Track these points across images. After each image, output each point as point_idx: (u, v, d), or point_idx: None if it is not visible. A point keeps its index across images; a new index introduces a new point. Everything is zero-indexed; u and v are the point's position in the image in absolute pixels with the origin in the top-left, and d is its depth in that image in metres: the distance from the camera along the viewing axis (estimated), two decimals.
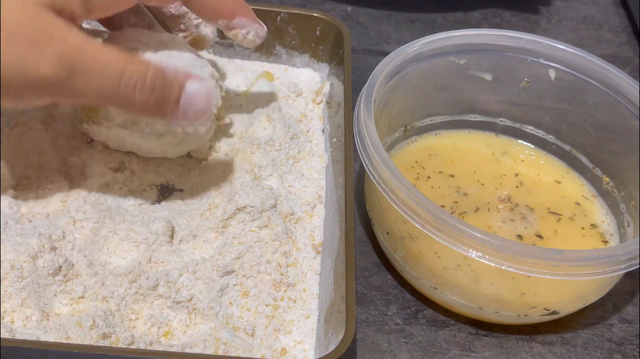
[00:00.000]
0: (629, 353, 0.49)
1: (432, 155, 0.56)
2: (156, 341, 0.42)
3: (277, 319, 0.45)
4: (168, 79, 0.41)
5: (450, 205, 0.52)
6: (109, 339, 0.41)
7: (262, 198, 0.48)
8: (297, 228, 0.49)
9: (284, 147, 0.52)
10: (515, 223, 0.52)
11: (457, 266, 0.45)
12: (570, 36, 0.73)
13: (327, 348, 0.41)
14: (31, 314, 0.41)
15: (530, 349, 0.48)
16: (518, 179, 0.55)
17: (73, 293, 0.42)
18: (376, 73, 0.50)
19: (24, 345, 0.37)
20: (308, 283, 0.47)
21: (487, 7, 0.75)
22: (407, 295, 0.50)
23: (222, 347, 0.42)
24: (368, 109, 0.48)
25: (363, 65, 0.65)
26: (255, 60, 0.60)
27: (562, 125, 0.56)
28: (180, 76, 0.42)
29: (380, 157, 0.45)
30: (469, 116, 0.58)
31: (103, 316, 0.41)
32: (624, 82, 0.52)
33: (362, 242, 0.53)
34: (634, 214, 0.52)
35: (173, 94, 0.42)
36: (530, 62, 0.55)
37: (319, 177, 0.52)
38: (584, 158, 0.56)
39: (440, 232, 0.43)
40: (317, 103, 0.58)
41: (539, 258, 0.42)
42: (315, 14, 0.57)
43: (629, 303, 0.52)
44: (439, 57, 0.54)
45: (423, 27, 0.71)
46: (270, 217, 0.47)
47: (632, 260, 0.43)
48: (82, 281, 0.43)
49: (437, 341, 0.48)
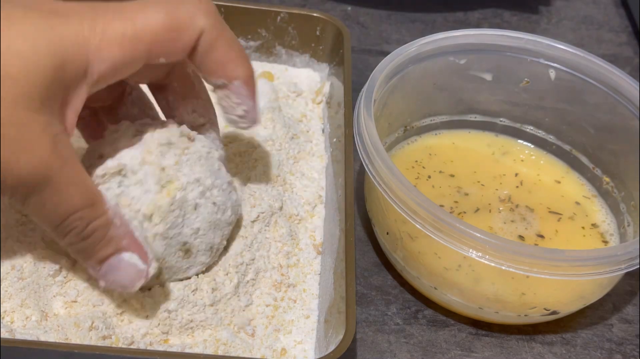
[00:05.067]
0: (629, 353, 0.49)
1: (432, 155, 0.56)
2: (156, 342, 0.42)
3: (277, 320, 0.45)
4: (107, 238, 0.38)
5: (450, 205, 0.52)
6: (109, 340, 0.41)
7: (269, 203, 0.48)
8: (299, 228, 0.49)
9: (284, 147, 0.52)
10: (516, 224, 0.52)
11: (458, 267, 0.45)
12: (570, 36, 0.73)
13: (327, 348, 0.41)
14: (31, 314, 0.41)
15: (530, 349, 0.48)
16: (518, 179, 0.55)
17: (67, 296, 0.42)
18: (376, 73, 0.50)
19: (24, 345, 0.37)
20: (308, 283, 0.47)
21: (487, 7, 0.75)
22: (407, 294, 0.50)
23: (222, 347, 0.42)
24: (368, 109, 0.48)
25: (363, 65, 0.65)
26: (255, 60, 0.59)
27: (562, 125, 0.56)
28: (122, 241, 0.39)
29: (380, 157, 0.45)
30: (469, 116, 0.58)
31: (102, 317, 0.41)
32: (624, 82, 0.52)
33: (362, 242, 0.53)
34: (634, 214, 0.52)
35: (100, 253, 0.38)
36: (530, 62, 0.55)
37: (319, 177, 0.52)
38: (584, 158, 0.56)
39: (440, 232, 0.43)
40: (317, 103, 0.58)
41: (539, 258, 0.42)
42: (315, 14, 0.57)
43: (629, 303, 0.52)
44: (439, 57, 0.54)
45: (423, 27, 0.71)
46: (277, 220, 0.48)
47: (632, 260, 0.43)
48: (75, 286, 0.43)
49: (437, 341, 0.48)
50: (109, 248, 0.38)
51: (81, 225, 0.37)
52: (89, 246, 0.38)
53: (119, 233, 0.38)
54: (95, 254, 0.39)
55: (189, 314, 0.43)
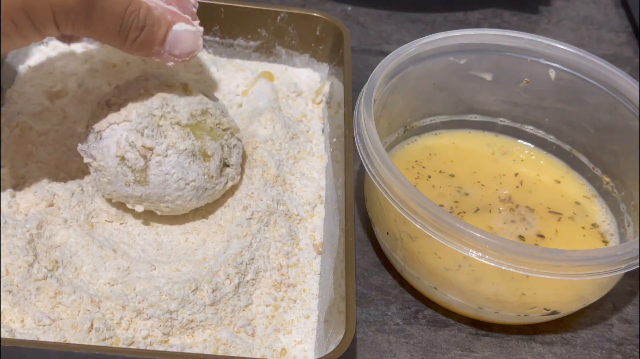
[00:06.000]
0: (629, 353, 0.49)
1: (432, 154, 0.56)
2: (156, 342, 0.42)
3: (277, 320, 0.45)
4: (156, 18, 0.43)
5: (450, 205, 0.52)
6: (109, 341, 0.41)
7: (267, 203, 0.48)
8: (299, 228, 0.49)
9: (284, 147, 0.52)
10: (516, 224, 0.52)
11: (458, 267, 0.45)
12: (570, 36, 0.73)
13: (327, 348, 0.41)
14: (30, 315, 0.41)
15: (530, 349, 0.48)
16: (518, 179, 0.55)
17: (67, 296, 0.42)
18: (376, 73, 0.50)
19: (24, 345, 0.37)
20: (308, 283, 0.47)
21: (487, 7, 0.75)
22: (407, 295, 0.50)
23: (222, 347, 0.42)
24: (368, 109, 0.48)
25: (363, 65, 0.65)
26: (255, 60, 0.60)
27: (562, 125, 0.56)
28: (168, 16, 0.44)
29: (380, 157, 0.45)
30: (469, 116, 0.58)
31: (102, 318, 0.41)
32: (624, 82, 0.52)
33: (362, 242, 0.53)
34: (634, 214, 0.52)
35: (160, 33, 0.44)
36: (530, 62, 0.55)
37: (319, 177, 0.52)
38: (584, 158, 0.56)
39: (440, 232, 0.43)
40: (317, 103, 0.58)
41: (539, 258, 0.42)
42: (315, 14, 0.57)
43: (629, 303, 0.52)
44: (439, 57, 0.54)
45: (423, 27, 0.71)
46: (276, 220, 0.48)
47: (632, 260, 0.43)
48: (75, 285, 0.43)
49: (437, 341, 0.48)
50: (162, 26, 0.44)
51: (135, 17, 0.42)
52: (148, 33, 0.43)
53: (162, 12, 0.44)
54: (156, 37, 0.44)
55: (189, 314, 0.43)
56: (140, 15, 0.42)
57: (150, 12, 0.43)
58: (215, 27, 0.57)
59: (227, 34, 0.58)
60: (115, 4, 0.41)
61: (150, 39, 0.43)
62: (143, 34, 0.43)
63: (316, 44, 0.58)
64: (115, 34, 0.42)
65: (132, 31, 0.42)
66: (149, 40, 0.44)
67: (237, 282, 0.44)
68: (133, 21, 0.42)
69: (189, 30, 0.45)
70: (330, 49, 0.58)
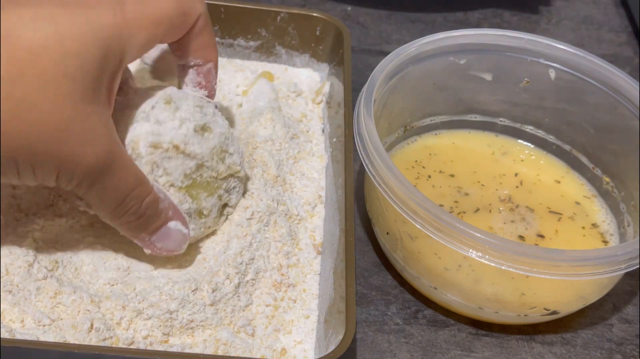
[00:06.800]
0: (629, 353, 0.49)
1: (432, 154, 0.56)
2: (156, 342, 0.42)
3: (277, 320, 0.45)
4: (158, 212, 0.42)
5: (450, 205, 0.52)
6: (109, 341, 0.41)
7: (267, 203, 0.48)
8: (299, 228, 0.49)
9: (284, 147, 0.52)
10: (516, 224, 0.52)
11: (458, 267, 0.45)
12: (570, 36, 0.73)
13: (327, 348, 0.41)
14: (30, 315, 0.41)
15: (530, 349, 0.48)
16: (518, 179, 0.55)
17: (67, 297, 0.42)
18: (376, 73, 0.50)
19: (24, 345, 0.37)
20: (308, 283, 0.47)
21: (487, 7, 0.75)
22: (407, 295, 0.50)
23: (222, 347, 0.42)
24: (368, 109, 0.48)
25: (363, 65, 0.65)
26: (255, 60, 0.59)
27: (562, 125, 0.56)
28: (169, 212, 0.42)
29: (380, 157, 0.45)
30: (469, 116, 0.58)
31: (102, 318, 0.41)
32: (624, 82, 0.52)
33: (362, 242, 0.53)
34: (634, 214, 0.52)
35: (154, 226, 0.42)
36: (530, 62, 0.55)
37: (319, 177, 0.52)
38: (584, 158, 0.56)
39: (440, 232, 0.43)
40: (317, 103, 0.58)
41: (539, 258, 0.42)
42: (315, 14, 0.57)
43: (629, 303, 0.52)
44: (439, 57, 0.54)
45: (423, 27, 0.71)
46: (276, 220, 0.48)
47: (632, 260, 0.43)
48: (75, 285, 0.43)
49: (437, 341, 0.48)
50: (159, 220, 0.42)
51: (137, 203, 0.40)
52: (144, 222, 0.41)
53: (166, 206, 0.42)
54: (148, 228, 0.42)
55: (189, 314, 0.43)
56: (143, 203, 0.41)
57: (155, 203, 0.41)
58: (215, 27, 0.57)
59: (227, 34, 0.58)
60: (122, 182, 0.39)
61: (142, 228, 0.42)
62: (138, 221, 0.41)
63: (316, 44, 0.58)
64: (109, 210, 0.41)
65: (127, 215, 0.41)
66: (141, 228, 0.42)
67: (237, 282, 0.44)
68: (132, 206, 0.40)
69: (180, 231, 0.43)
70: (330, 49, 0.58)
